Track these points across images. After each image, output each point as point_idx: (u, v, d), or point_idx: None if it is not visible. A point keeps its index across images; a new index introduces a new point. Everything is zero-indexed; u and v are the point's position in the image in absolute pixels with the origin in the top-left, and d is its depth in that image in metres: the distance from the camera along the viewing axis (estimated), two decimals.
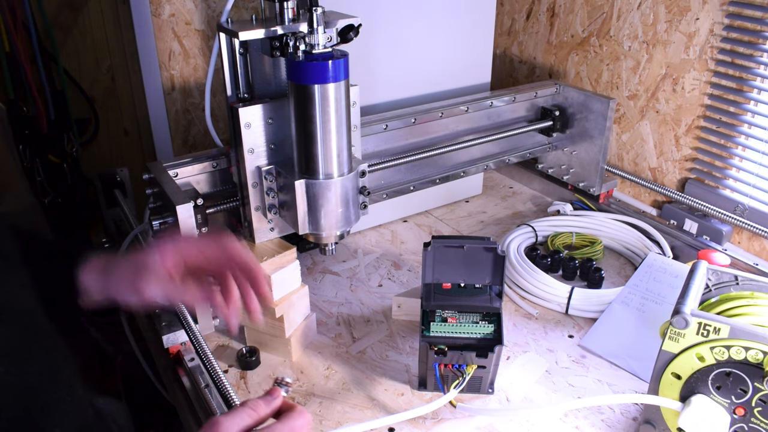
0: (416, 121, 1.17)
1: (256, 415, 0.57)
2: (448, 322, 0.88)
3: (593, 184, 1.33)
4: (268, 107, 0.90)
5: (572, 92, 1.32)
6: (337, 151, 0.86)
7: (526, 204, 1.42)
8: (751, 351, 0.68)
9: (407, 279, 1.14)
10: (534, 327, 1.02)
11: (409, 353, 0.96)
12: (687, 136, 1.28)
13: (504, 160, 1.32)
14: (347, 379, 0.91)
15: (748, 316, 0.78)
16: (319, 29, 0.80)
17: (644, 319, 1.00)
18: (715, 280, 0.84)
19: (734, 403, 0.71)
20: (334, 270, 1.17)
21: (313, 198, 0.88)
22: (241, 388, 0.89)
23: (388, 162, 1.12)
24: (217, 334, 0.99)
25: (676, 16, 1.23)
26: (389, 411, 0.85)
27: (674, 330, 0.71)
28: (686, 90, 1.25)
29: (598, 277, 1.10)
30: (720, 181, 1.24)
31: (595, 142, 1.29)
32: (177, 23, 1.30)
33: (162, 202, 0.92)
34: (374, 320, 1.03)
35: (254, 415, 0.57)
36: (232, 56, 0.89)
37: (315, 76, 0.81)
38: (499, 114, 1.30)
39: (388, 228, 1.32)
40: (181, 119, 1.40)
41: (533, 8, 1.55)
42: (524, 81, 1.64)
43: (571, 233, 1.23)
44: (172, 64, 1.33)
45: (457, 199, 1.43)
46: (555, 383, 0.91)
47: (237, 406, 0.57)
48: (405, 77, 1.24)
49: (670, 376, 0.74)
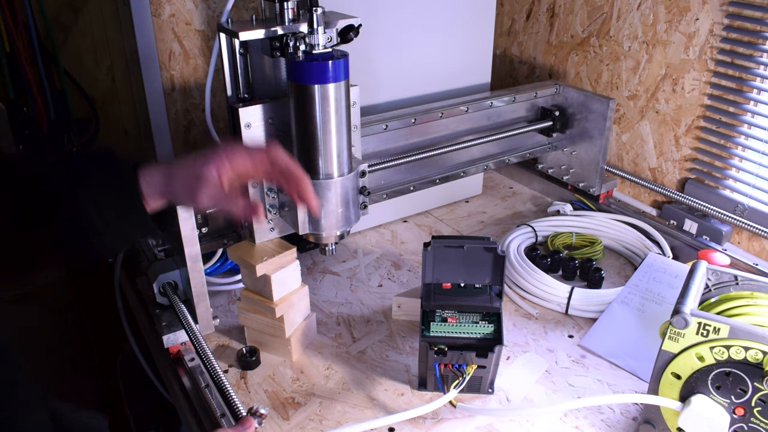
0: (416, 121, 1.17)
1: None
2: (448, 322, 0.88)
3: (593, 184, 1.33)
4: (268, 107, 0.90)
5: (572, 92, 1.32)
6: (337, 151, 0.86)
7: (526, 204, 1.42)
8: (750, 351, 0.68)
9: (407, 279, 1.14)
10: (534, 327, 1.02)
11: (409, 353, 0.96)
12: (687, 136, 1.28)
13: (504, 161, 1.32)
14: (347, 379, 0.91)
15: (748, 316, 0.78)
16: (319, 29, 0.80)
17: (644, 319, 1.00)
18: (715, 280, 0.84)
19: (734, 403, 0.71)
20: (334, 270, 1.17)
21: None
22: (241, 388, 0.89)
23: (388, 162, 1.12)
24: (217, 334, 0.99)
25: (676, 16, 1.23)
26: (389, 411, 0.85)
27: (674, 330, 0.72)
28: (686, 90, 1.25)
29: (598, 277, 1.10)
30: (720, 181, 1.25)
31: (595, 142, 1.29)
32: (177, 23, 1.30)
33: None
34: (374, 320, 1.03)
35: None
36: (232, 56, 0.89)
37: (315, 76, 0.81)
38: (499, 114, 1.30)
39: (388, 228, 1.32)
40: (181, 119, 1.40)
41: (533, 8, 1.55)
42: (524, 81, 1.64)
43: (571, 233, 1.23)
44: (172, 65, 1.33)
45: (457, 199, 1.43)
46: (555, 383, 0.91)
47: None
48: (405, 77, 1.24)
49: (670, 376, 0.74)
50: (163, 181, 0.69)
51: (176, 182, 0.70)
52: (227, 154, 0.71)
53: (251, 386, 0.89)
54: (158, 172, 0.70)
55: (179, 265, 0.92)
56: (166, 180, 0.69)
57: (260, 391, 0.89)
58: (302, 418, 0.84)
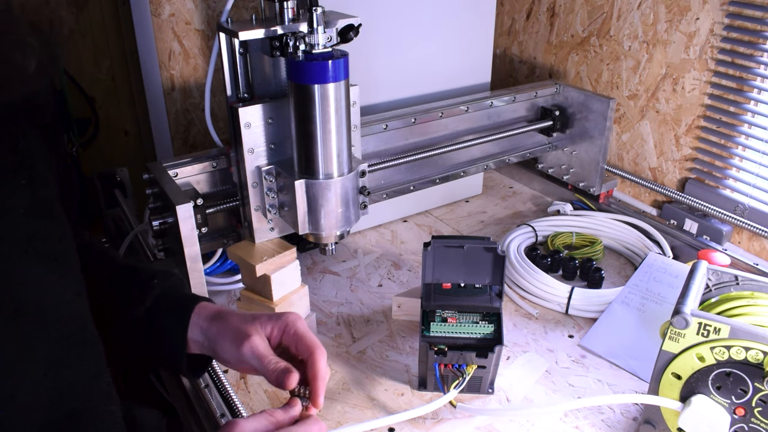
0: (416, 121, 1.17)
1: (275, 420, 0.58)
2: (448, 322, 0.88)
3: (593, 184, 1.33)
4: (268, 107, 0.90)
5: (572, 92, 1.32)
6: (337, 151, 0.86)
7: (526, 204, 1.42)
8: (751, 351, 0.68)
9: (407, 279, 1.14)
10: (534, 327, 1.02)
11: (409, 353, 0.96)
12: (687, 136, 1.28)
13: (504, 160, 1.32)
14: (347, 379, 0.91)
15: (748, 316, 0.78)
16: (319, 29, 0.79)
17: (644, 319, 1.00)
18: (715, 280, 0.84)
19: (734, 404, 0.71)
20: (334, 270, 1.17)
21: (313, 198, 0.88)
22: (241, 388, 0.89)
23: (388, 162, 1.12)
24: None
25: (676, 16, 1.23)
26: (389, 411, 0.85)
27: (674, 330, 0.71)
28: (686, 90, 1.25)
29: (598, 277, 1.10)
30: (720, 181, 1.24)
31: (595, 142, 1.29)
32: (177, 23, 1.30)
33: (162, 202, 0.92)
34: (374, 320, 1.03)
35: (273, 420, 0.58)
36: (232, 56, 0.89)
37: (315, 76, 0.81)
38: (499, 114, 1.30)
39: (388, 228, 1.32)
40: (181, 119, 1.40)
41: (533, 8, 1.55)
42: (524, 81, 1.63)
43: (571, 233, 1.23)
44: (172, 64, 1.33)
45: (457, 199, 1.43)
46: (555, 383, 0.91)
47: (257, 413, 0.58)
48: (405, 77, 1.24)
49: (670, 376, 0.74)
50: (209, 330, 0.68)
51: (220, 335, 0.67)
52: (273, 320, 0.68)
53: (251, 386, 0.89)
54: (205, 317, 0.68)
55: (179, 265, 0.91)
56: (210, 328, 0.68)
57: (260, 391, 0.89)
58: None
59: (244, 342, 0.64)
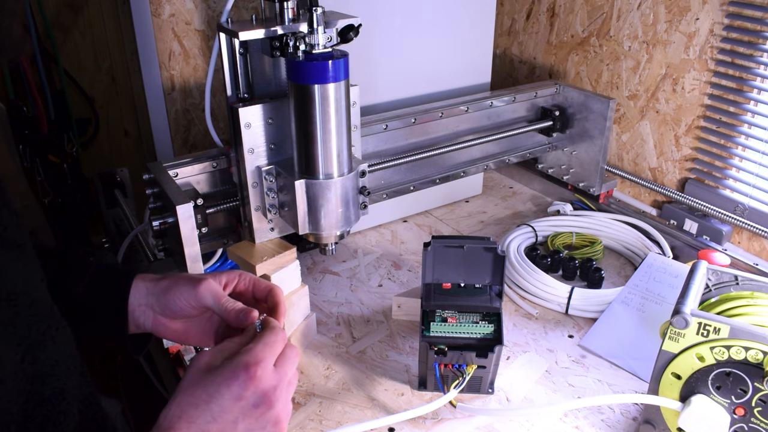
0: (416, 121, 1.17)
1: (235, 342, 0.58)
2: (448, 322, 0.88)
3: (593, 184, 1.33)
4: (268, 107, 0.90)
5: (572, 92, 1.32)
6: (337, 151, 0.86)
7: (526, 204, 1.42)
8: (751, 351, 0.68)
9: (407, 279, 1.14)
10: (534, 327, 1.02)
11: (409, 353, 0.96)
12: (687, 136, 1.28)
13: (504, 160, 1.32)
14: (347, 379, 0.91)
15: (748, 316, 0.78)
16: (319, 29, 0.80)
17: (644, 319, 1.00)
18: (715, 280, 0.84)
19: (734, 403, 0.71)
20: (334, 270, 1.17)
21: (313, 198, 0.88)
22: None
23: (388, 162, 1.12)
24: None
25: (676, 16, 1.23)
26: (389, 411, 0.85)
27: (674, 330, 0.72)
28: (686, 90, 1.25)
29: (598, 277, 1.10)
30: (720, 181, 1.24)
31: (595, 142, 1.29)
32: (177, 23, 1.30)
33: (162, 202, 0.92)
34: (374, 320, 1.03)
35: (232, 344, 0.58)
36: (232, 56, 0.89)
37: (315, 76, 0.81)
38: (499, 114, 1.30)
39: (388, 228, 1.32)
40: (181, 119, 1.40)
41: (533, 8, 1.55)
42: (524, 81, 1.64)
43: (571, 233, 1.23)
44: (172, 64, 1.33)
45: (457, 199, 1.43)
46: (555, 383, 0.91)
47: (258, 337, 0.57)
48: (405, 77, 1.24)
49: (670, 376, 0.74)
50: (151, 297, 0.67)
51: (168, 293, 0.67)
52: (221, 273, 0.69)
53: None
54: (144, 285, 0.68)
55: (179, 265, 0.91)
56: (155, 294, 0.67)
57: None
58: (302, 418, 0.84)
59: (201, 283, 0.65)
